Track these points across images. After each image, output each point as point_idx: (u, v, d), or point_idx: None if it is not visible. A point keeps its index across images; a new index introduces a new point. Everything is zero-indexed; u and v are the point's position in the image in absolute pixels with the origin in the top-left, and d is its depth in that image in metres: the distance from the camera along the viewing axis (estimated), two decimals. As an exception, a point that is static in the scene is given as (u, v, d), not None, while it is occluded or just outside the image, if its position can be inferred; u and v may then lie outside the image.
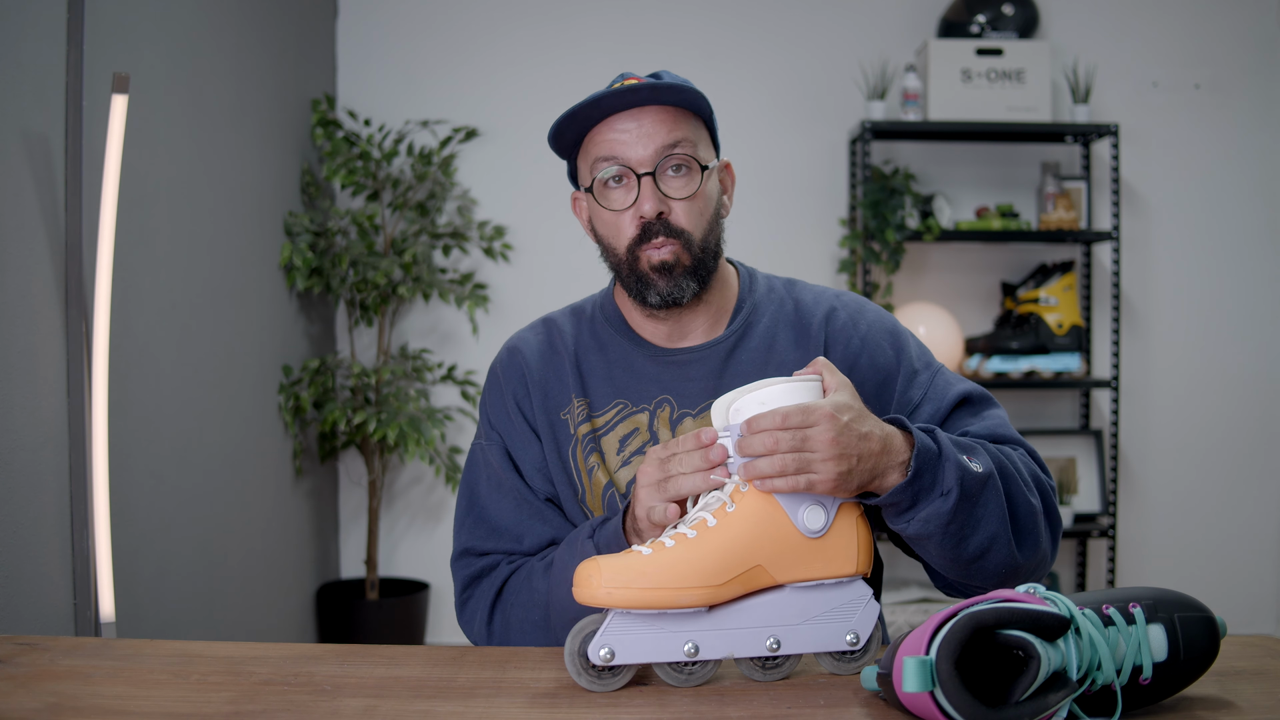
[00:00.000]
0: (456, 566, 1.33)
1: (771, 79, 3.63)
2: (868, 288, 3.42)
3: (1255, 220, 3.66)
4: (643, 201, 1.25)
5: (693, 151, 1.27)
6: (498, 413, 1.36)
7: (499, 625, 1.27)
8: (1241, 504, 3.67)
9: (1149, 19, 3.64)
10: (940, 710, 0.86)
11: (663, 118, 1.25)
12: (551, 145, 1.30)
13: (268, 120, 2.97)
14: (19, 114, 1.76)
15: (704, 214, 1.29)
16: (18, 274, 1.75)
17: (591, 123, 1.27)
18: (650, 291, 1.28)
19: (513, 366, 1.37)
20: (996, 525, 1.14)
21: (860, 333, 1.33)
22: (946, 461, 1.10)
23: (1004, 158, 3.65)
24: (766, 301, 1.37)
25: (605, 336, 1.36)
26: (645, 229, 1.26)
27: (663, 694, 1.01)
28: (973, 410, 1.29)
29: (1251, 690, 1.00)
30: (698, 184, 1.27)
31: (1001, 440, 1.26)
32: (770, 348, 1.33)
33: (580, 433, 1.31)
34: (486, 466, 1.34)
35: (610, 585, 0.98)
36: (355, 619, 3.23)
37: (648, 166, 1.25)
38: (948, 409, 1.28)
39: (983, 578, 1.18)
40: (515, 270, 3.56)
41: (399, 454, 3.33)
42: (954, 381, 1.32)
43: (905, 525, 1.12)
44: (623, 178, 1.27)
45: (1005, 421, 1.29)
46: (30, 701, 0.97)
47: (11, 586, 1.70)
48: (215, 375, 2.57)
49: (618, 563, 1.00)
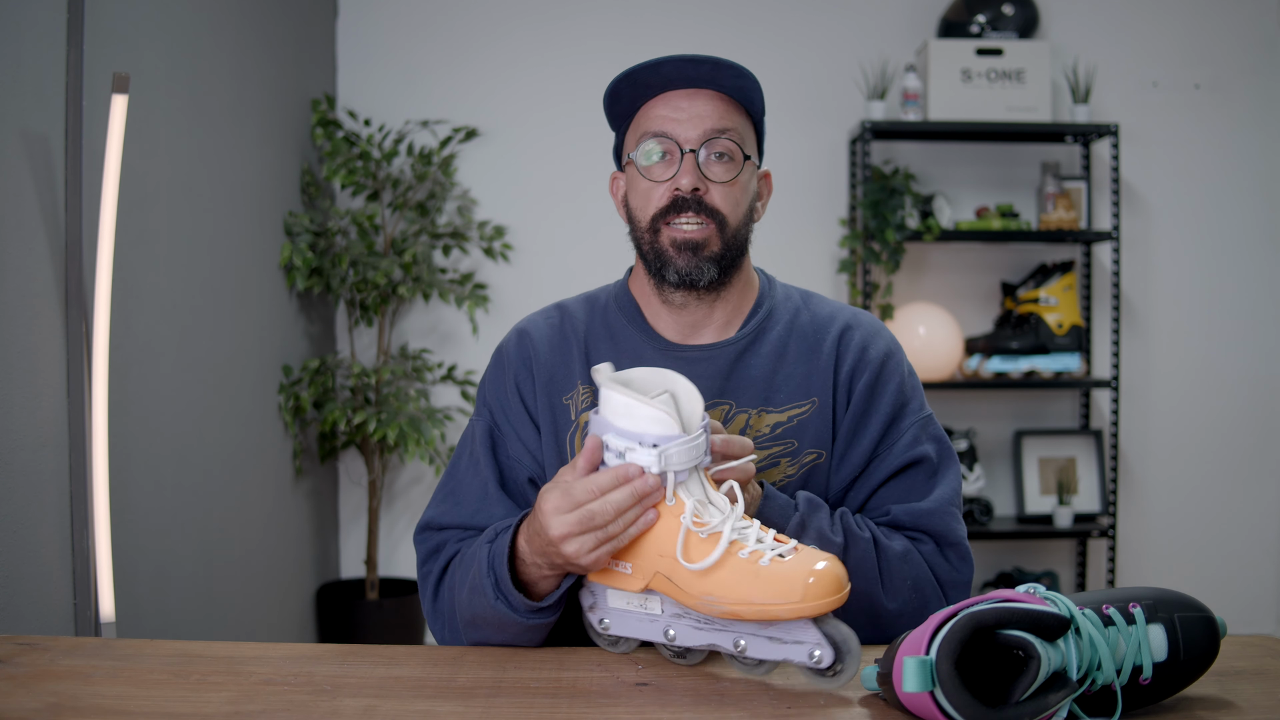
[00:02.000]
0: (418, 540, 1.33)
1: (771, 79, 3.58)
2: (868, 288, 3.42)
3: (1255, 220, 3.66)
4: (682, 175, 1.26)
5: (739, 140, 1.28)
6: (495, 391, 1.36)
7: (443, 602, 1.27)
8: (1241, 504, 3.67)
9: (1149, 19, 3.64)
10: (940, 710, 0.86)
11: (716, 105, 1.27)
12: (606, 110, 1.31)
13: (268, 120, 2.97)
14: (19, 114, 1.76)
15: (740, 204, 1.29)
16: (18, 274, 1.75)
17: (649, 95, 1.28)
18: (669, 269, 1.29)
19: (520, 348, 1.37)
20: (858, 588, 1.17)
21: (868, 357, 1.33)
22: (796, 506, 1.20)
23: (1004, 158, 3.65)
24: (783, 310, 1.37)
25: (617, 326, 1.36)
26: (676, 201, 1.27)
27: (663, 694, 1.01)
28: (925, 475, 1.30)
29: (1251, 690, 1.00)
30: (738, 172, 1.28)
31: (921, 529, 1.26)
32: (781, 357, 1.32)
33: (583, 420, 1.31)
34: (471, 443, 1.35)
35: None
36: (355, 619, 3.22)
37: (694, 145, 1.26)
38: (902, 465, 1.29)
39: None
40: (515, 270, 3.56)
41: (399, 454, 3.33)
42: (923, 440, 1.31)
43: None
44: (668, 154, 1.28)
45: (943, 502, 1.28)
46: (30, 701, 0.97)
47: (11, 586, 1.70)
48: (215, 375, 2.57)
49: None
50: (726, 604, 0.99)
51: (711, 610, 1.01)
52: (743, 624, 1.01)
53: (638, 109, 1.31)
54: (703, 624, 1.04)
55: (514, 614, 1.14)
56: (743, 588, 0.99)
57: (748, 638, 1.01)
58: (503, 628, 1.17)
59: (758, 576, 0.98)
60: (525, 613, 1.14)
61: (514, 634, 1.17)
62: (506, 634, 1.18)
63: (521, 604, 1.14)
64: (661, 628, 1.07)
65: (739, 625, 1.01)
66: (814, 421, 1.29)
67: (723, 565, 1.00)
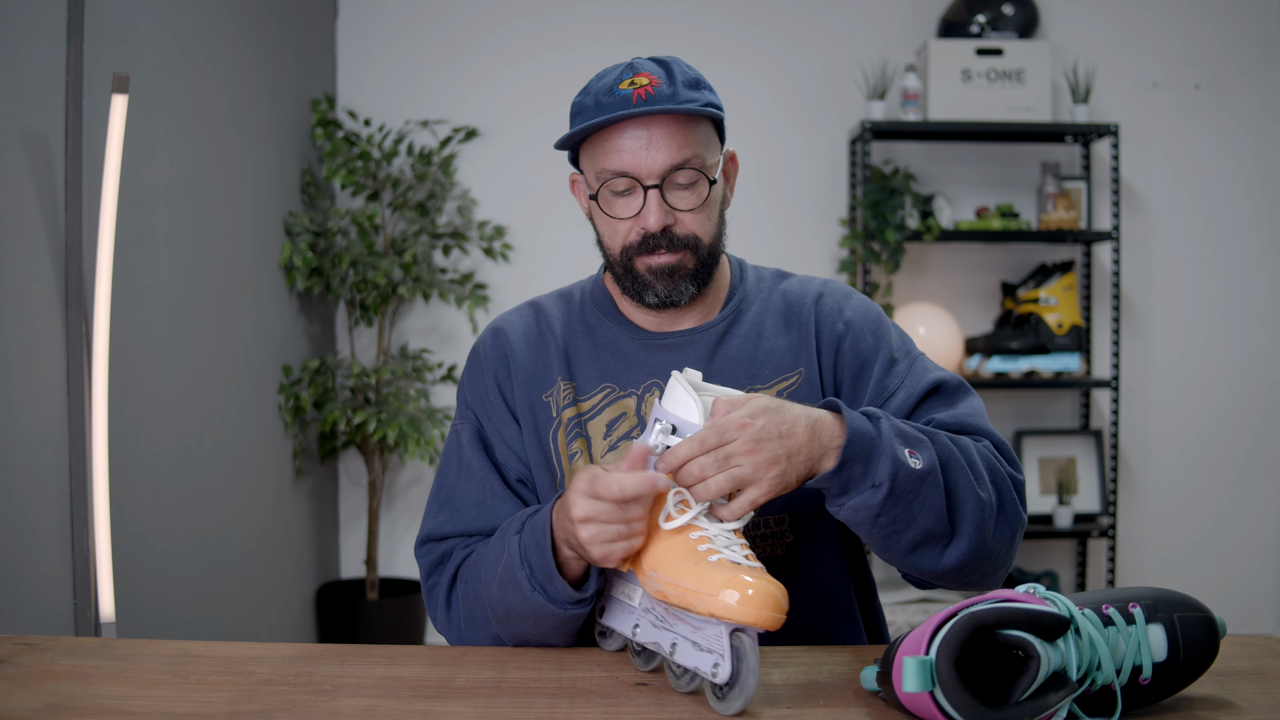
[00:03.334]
0: (420, 554, 1.31)
1: (771, 79, 3.63)
2: (868, 288, 3.42)
3: (1255, 220, 3.66)
4: (647, 214, 1.24)
5: (701, 165, 1.25)
6: (476, 393, 1.35)
7: (457, 612, 1.25)
8: (1241, 504, 3.67)
9: (1149, 19, 3.64)
10: (940, 710, 0.86)
11: (673, 130, 1.23)
12: (558, 149, 1.29)
13: (268, 120, 2.97)
14: (19, 114, 1.76)
15: (711, 219, 1.28)
16: (18, 274, 1.75)
17: (598, 126, 1.25)
18: (648, 293, 1.28)
19: (496, 347, 1.36)
20: (932, 522, 1.12)
21: (845, 318, 1.33)
22: (882, 454, 1.10)
23: (1004, 158, 3.65)
24: (756, 291, 1.37)
25: (594, 320, 1.36)
26: (646, 239, 1.25)
27: (662, 694, 1.01)
28: (945, 398, 1.28)
29: (1251, 690, 1.00)
30: (704, 197, 1.26)
31: (967, 430, 1.24)
32: (759, 334, 1.33)
33: (565, 416, 1.30)
34: (459, 448, 1.33)
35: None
36: (355, 619, 3.22)
37: (655, 179, 1.23)
38: (919, 395, 1.27)
39: (924, 570, 1.17)
40: (515, 270, 3.56)
41: (399, 454, 3.33)
42: (930, 369, 1.31)
43: (837, 510, 1.12)
44: (630, 190, 1.25)
45: (978, 411, 1.27)
46: (30, 701, 0.97)
47: (11, 586, 1.70)
48: (215, 375, 2.57)
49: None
50: (661, 580, 1.00)
51: (650, 588, 1.02)
52: (681, 625, 1.01)
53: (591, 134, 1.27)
54: (657, 622, 1.04)
55: (552, 605, 1.12)
56: (678, 569, 0.99)
57: (680, 641, 1.01)
58: (539, 620, 1.14)
59: (696, 564, 0.98)
60: (564, 604, 1.12)
61: (551, 627, 1.14)
62: (543, 627, 1.15)
63: (561, 593, 1.11)
64: (633, 621, 1.08)
65: (679, 626, 1.01)
66: (803, 391, 1.29)
67: (674, 545, 1.01)
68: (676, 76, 1.25)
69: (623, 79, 1.24)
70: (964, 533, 1.14)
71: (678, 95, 1.23)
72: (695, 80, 1.27)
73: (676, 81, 1.25)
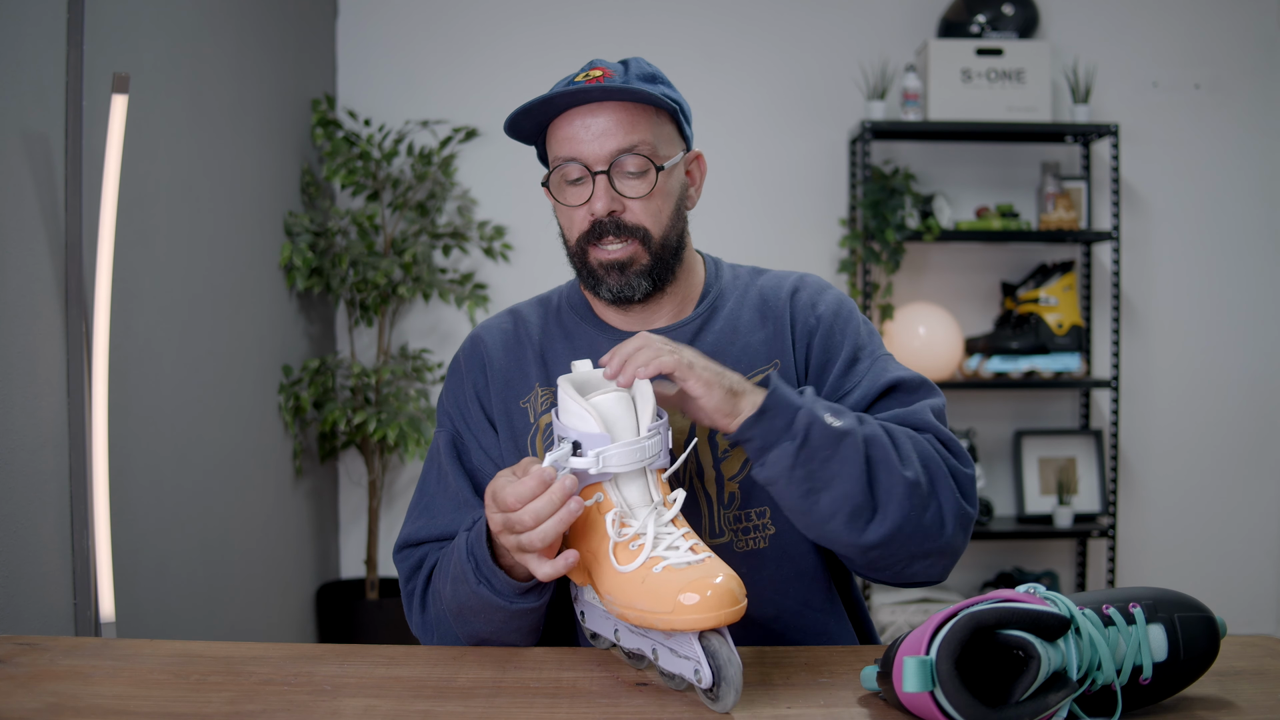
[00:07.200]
0: (398, 559, 1.32)
1: (771, 79, 3.62)
2: (868, 288, 3.42)
3: (1255, 220, 3.66)
4: (595, 200, 1.25)
5: (650, 152, 1.25)
6: (455, 401, 1.36)
7: (430, 614, 1.27)
8: (1241, 504, 3.67)
9: (1149, 19, 3.64)
10: (940, 710, 0.86)
11: (621, 117, 1.24)
12: (509, 134, 1.31)
13: (268, 120, 2.97)
14: (19, 114, 1.76)
15: (662, 211, 1.28)
16: (18, 274, 1.75)
17: (551, 116, 1.27)
18: (601, 286, 1.29)
19: (474, 356, 1.37)
20: (850, 487, 1.12)
21: (818, 312, 1.33)
22: (799, 409, 1.13)
23: (1004, 158, 3.65)
24: (732, 287, 1.37)
25: (570, 324, 1.37)
26: (595, 226, 1.26)
27: (662, 694, 1.01)
28: (903, 397, 1.28)
29: (1251, 690, 1.00)
30: (653, 184, 1.26)
31: (912, 425, 1.23)
32: (735, 329, 1.33)
33: (543, 422, 1.31)
34: (437, 456, 1.35)
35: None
36: (355, 619, 3.23)
37: (602, 165, 1.25)
38: (876, 394, 1.27)
39: (846, 542, 1.16)
40: (515, 270, 3.56)
41: (399, 454, 3.33)
42: (892, 369, 1.30)
43: (760, 470, 1.14)
44: (580, 177, 1.26)
45: (933, 410, 1.26)
46: (30, 701, 0.97)
47: (11, 586, 1.70)
48: (215, 375, 2.57)
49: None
50: (619, 606, 1.00)
51: (612, 610, 1.02)
52: (655, 633, 1.01)
53: (545, 127, 1.30)
54: (634, 629, 1.04)
55: (497, 597, 1.13)
56: (629, 591, 0.99)
57: (659, 647, 1.01)
58: (488, 615, 1.16)
59: (644, 583, 0.98)
60: (509, 595, 1.13)
61: (501, 621, 1.16)
62: (494, 622, 1.16)
63: (504, 585, 1.13)
64: (613, 625, 1.08)
65: (654, 634, 1.01)
66: None
67: (620, 566, 1.00)
68: (632, 70, 1.28)
69: (580, 73, 1.27)
70: (888, 509, 1.14)
71: (629, 84, 1.25)
72: (651, 75, 1.29)
73: (631, 74, 1.27)
